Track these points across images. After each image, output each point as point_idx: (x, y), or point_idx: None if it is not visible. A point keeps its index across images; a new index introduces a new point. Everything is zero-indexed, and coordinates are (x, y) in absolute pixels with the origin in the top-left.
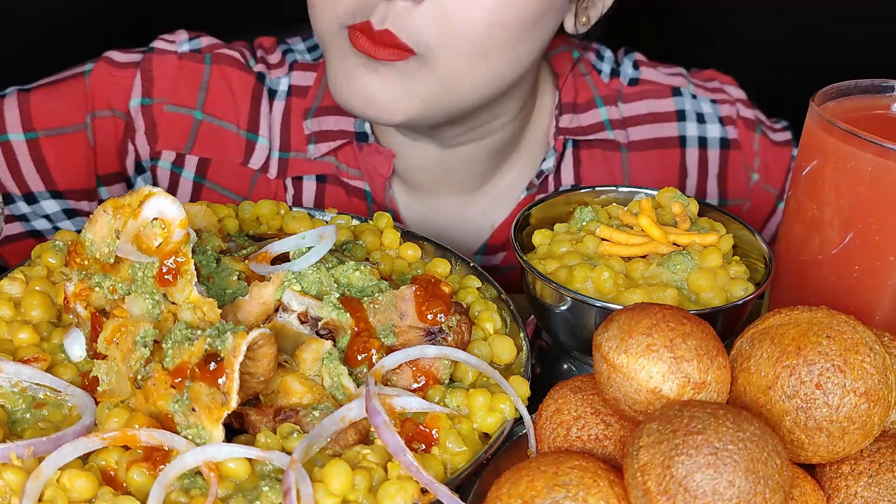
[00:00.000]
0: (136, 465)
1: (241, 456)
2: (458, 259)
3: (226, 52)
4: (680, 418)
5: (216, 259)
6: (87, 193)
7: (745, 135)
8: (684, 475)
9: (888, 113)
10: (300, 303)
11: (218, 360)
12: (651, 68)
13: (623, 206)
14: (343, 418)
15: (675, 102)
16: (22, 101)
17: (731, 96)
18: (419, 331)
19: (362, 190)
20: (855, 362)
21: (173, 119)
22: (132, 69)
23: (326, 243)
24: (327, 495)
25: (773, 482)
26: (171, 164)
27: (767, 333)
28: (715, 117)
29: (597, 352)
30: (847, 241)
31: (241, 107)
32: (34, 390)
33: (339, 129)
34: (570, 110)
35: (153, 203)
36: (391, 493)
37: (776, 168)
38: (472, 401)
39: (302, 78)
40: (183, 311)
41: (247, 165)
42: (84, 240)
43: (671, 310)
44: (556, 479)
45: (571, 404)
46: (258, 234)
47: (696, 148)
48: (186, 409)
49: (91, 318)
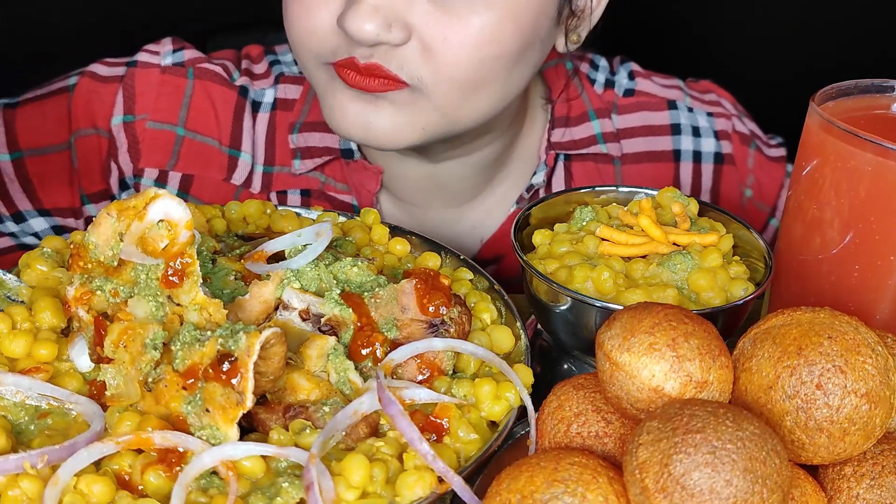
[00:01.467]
0: (151, 467)
1: (257, 454)
2: (447, 252)
3: (208, 67)
4: (680, 417)
5: (212, 260)
6: (73, 211)
7: (740, 150)
8: (682, 473)
9: (888, 113)
10: (301, 300)
11: (231, 361)
12: (647, 79)
13: (623, 206)
14: (356, 412)
15: (671, 116)
16: (7, 118)
17: (727, 110)
18: (421, 323)
19: (349, 204)
20: (856, 363)
21: (156, 136)
22: (115, 84)
23: (323, 240)
24: (348, 488)
25: (772, 482)
26: (154, 182)
27: (770, 333)
28: (710, 131)
29: (599, 350)
30: (847, 241)
31: (223, 123)
32: (37, 400)
33: (324, 146)
34: (563, 124)
35: (159, 204)
36: (410, 484)
37: (769, 185)
38: (478, 390)
39: (288, 91)
40: (189, 312)
41: (229, 181)
42: (87, 243)
43: (674, 309)
44: (555, 475)
45: (573, 401)
46: (247, 233)
47: (690, 162)
48: (200, 409)
49: (94, 321)
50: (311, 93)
